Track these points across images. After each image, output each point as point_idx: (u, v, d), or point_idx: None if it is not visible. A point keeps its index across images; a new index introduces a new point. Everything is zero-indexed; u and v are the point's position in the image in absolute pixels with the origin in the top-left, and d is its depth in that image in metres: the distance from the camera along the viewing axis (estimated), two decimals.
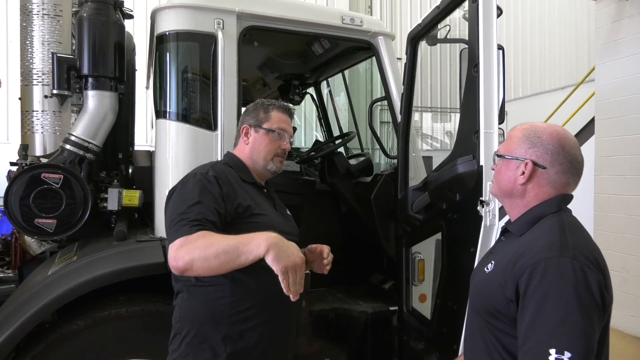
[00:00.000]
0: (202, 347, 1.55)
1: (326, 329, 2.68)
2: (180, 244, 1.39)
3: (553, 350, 1.07)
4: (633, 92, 4.64)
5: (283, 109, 1.81)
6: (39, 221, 2.37)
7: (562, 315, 1.09)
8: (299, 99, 4.08)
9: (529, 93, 9.51)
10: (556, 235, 1.22)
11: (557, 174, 1.30)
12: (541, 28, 9.29)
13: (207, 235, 1.41)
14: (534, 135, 1.32)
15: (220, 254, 1.35)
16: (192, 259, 1.36)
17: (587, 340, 1.08)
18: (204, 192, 1.54)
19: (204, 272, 1.41)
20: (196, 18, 2.41)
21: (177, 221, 1.46)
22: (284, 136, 1.78)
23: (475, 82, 1.95)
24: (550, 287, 1.12)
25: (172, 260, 1.39)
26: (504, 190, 1.37)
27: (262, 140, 1.76)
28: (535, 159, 1.30)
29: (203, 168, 1.65)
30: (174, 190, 1.61)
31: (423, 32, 2.48)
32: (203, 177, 1.58)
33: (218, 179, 1.59)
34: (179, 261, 1.37)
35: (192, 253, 1.36)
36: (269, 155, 1.76)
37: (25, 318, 1.96)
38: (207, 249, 1.36)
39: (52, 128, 2.71)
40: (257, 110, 1.80)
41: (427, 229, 2.41)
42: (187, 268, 1.38)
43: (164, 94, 2.50)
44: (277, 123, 1.77)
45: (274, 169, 1.79)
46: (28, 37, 2.70)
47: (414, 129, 2.79)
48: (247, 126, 1.78)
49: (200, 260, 1.36)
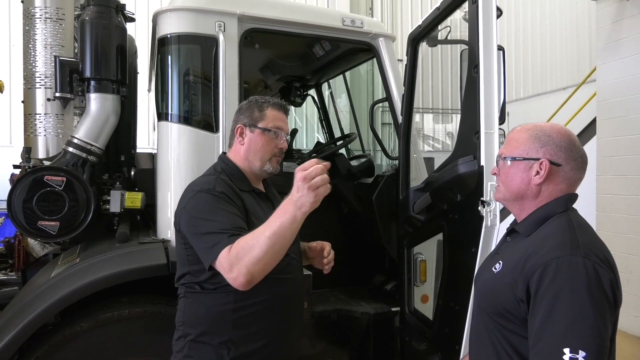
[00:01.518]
0: (206, 349, 1.56)
1: (328, 330, 2.68)
2: (228, 263, 1.36)
3: (567, 350, 1.06)
4: (634, 92, 4.64)
5: (278, 107, 1.74)
6: (42, 223, 2.38)
7: (575, 314, 1.09)
8: (301, 101, 4.09)
9: (531, 94, 9.50)
10: (566, 235, 1.21)
11: (572, 170, 1.30)
12: (542, 29, 9.29)
13: (240, 240, 1.39)
14: (543, 134, 1.31)
15: (270, 246, 1.34)
16: (250, 269, 1.35)
17: (601, 339, 1.08)
18: (222, 205, 1.51)
19: (263, 270, 1.39)
20: (197, 21, 2.42)
21: (210, 239, 1.43)
22: (281, 135, 1.71)
23: (475, 82, 1.95)
24: (562, 286, 1.12)
25: (235, 281, 1.37)
26: (516, 193, 1.34)
27: (258, 140, 1.69)
28: (550, 157, 1.29)
29: (208, 184, 1.59)
30: (189, 207, 1.55)
31: (423, 33, 2.48)
32: (214, 193, 1.54)
33: (227, 193, 1.56)
34: (240, 278, 1.35)
35: (247, 262, 1.34)
36: (266, 156, 1.69)
37: (28, 320, 1.97)
38: (253, 250, 1.34)
39: (55, 131, 2.73)
40: (251, 109, 1.72)
41: (429, 229, 2.41)
42: (250, 278, 1.36)
43: (165, 97, 2.51)
44: (272, 121, 1.70)
45: (270, 170, 1.73)
46: (31, 41, 2.72)
47: (415, 130, 2.79)
48: (242, 126, 1.71)
49: (257, 263, 1.34)
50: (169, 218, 2.41)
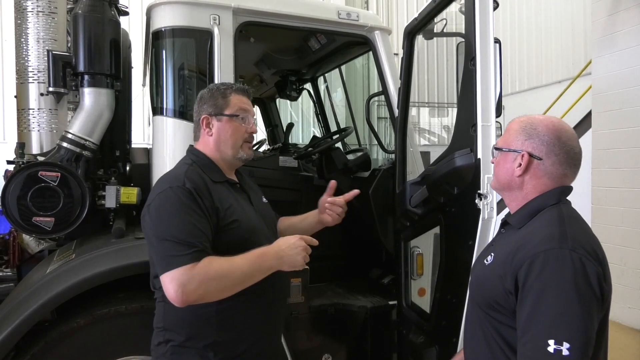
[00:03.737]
0: (191, 354, 1.52)
1: (325, 324, 2.68)
2: (186, 278, 1.34)
3: (552, 341, 1.08)
4: (630, 84, 4.65)
5: (241, 91, 1.70)
6: (36, 219, 2.36)
7: (561, 307, 1.10)
8: (296, 95, 4.06)
9: (526, 87, 9.53)
10: (555, 227, 1.22)
11: (553, 165, 1.30)
12: (537, 22, 9.30)
13: (213, 262, 1.39)
14: (530, 127, 1.33)
15: (237, 284, 1.42)
16: (205, 293, 1.37)
17: (586, 332, 1.09)
18: (188, 209, 1.45)
19: (215, 299, 1.44)
20: (192, 14, 2.39)
21: (170, 247, 1.39)
22: (248, 119, 1.67)
23: (472, 75, 1.94)
24: (549, 278, 1.13)
25: (182, 296, 1.34)
26: (503, 183, 1.38)
27: (227, 128, 1.64)
28: (531, 150, 1.31)
29: (177, 179, 1.51)
30: (153, 206, 1.49)
31: (419, 26, 2.47)
32: (182, 191, 1.47)
33: (197, 190, 1.49)
34: (190, 296, 1.36)
35: (206, 287, 1.36)
36: (238, 142, 1.65)
37: (24, 316, 1.96)
38: (222, 280, 1.38)
39: (49, 126, 2.70)
40: (214, 97, 1.66)
41: (426, 223, 2.42)
42: (198, 300, 1.39)
43: (160, 91, 2.49)
44: (238, 106, 1.65)
45: (244, 157, 1.68)
46: (23, 35, 2.69)
47: (411, 123, 2.79)
48: (207, 116, 1.64)
49: (216, 292, 1.40)
50: None
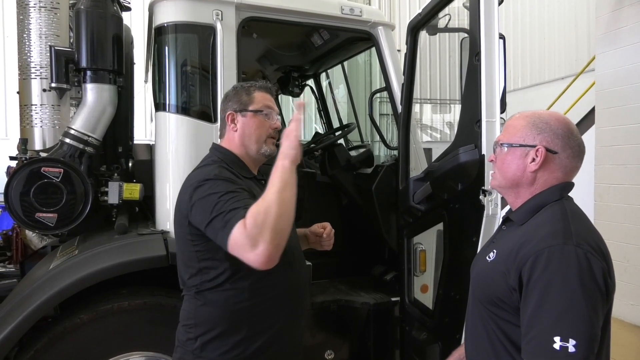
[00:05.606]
0: (223, 348, 1.52)
1: (328, 320, 2.69)
2: (247, 236, 1.28)
3: (558, 338, 1.07)
4: (634, 81, 4.63)
5: (264, 89, 1.74)
6: (39, 215, 2.36)
7: (566, 303, 1.09)
8: (299, 91, 4.06)
9: (529, 84, 9.48)
10: (559, 223, 1.21)
11: (569, 158, 1.29)
12: (540, 18, 9.25)
13: (251, 209, 1.32)
14: (541, 122, 1.30)
15: (285, 202, 1.32)
16: (273, 232, 1.28)
17: (592, 328, 1.08)
18: (230, 186, 1.46)
19: (286, 233, 1.34)
20: (194, 9, 2.38)
21: (222, 213, 1.36)
22: (272, 115, 1.70)
23: (476, 71, 1.93)
24: (553, 275, 1.12)
25: (256, 257, 1.28)
26: (511, 180, 1.34)
27: (252, 123, 1.67)
28: (546, 144, 1.28)
29: (209, 173, 1.53)
30: (194, 196, 1.48)
31: (423, 21, 2.46)
32: (219, 178, 1.49)
33: (233, 179, 1.53)
34: (264, 245, 1.27)
35: (266, 226, 1.27)
36: (262, 137, 1.68)
37: (27, 312, 1.96)
38: (270, 210, 1.29)
39: (52, 122, 2.70)
40: (238, 95, 1.70)
41: (429, 219, 2.41)
42: (278, 242, 1.30)
43: (163, 87, 2.49)
44: (262, 102, 1.69)
45: (268, 152, 1.70)
46: (25, 31, 2.68)
47: (414, 120, 2.78)
48: (232, 112, 1.68)
49: (278, 221, 1.29)
50: (167, 209, 2.39)
